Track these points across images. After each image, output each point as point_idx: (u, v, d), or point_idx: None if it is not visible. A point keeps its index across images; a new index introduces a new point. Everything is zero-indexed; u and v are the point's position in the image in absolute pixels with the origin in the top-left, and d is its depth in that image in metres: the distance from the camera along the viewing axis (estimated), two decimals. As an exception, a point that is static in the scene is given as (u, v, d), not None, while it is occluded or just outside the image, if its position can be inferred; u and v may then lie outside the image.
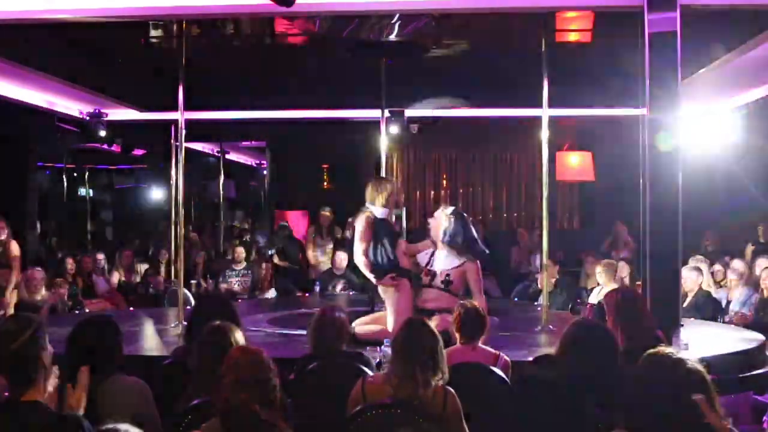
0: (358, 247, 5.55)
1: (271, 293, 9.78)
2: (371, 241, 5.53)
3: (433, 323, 3.74)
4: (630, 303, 3.97)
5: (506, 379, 3.94)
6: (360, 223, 5.58)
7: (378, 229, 5.55)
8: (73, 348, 3.36)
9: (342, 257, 9.24)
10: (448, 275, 5.66)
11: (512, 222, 12.77)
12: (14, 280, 8.04)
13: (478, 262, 5.72)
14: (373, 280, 5.58)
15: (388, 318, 5.52)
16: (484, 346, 4.28)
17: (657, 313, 4.53)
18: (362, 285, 8.12)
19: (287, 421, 2.85)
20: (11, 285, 8.00)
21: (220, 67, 9.08)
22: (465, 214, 5.84)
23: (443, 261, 5.71)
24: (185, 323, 4.89)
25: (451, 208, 5.84)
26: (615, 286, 7.24)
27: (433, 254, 5.77)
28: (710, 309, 7.21)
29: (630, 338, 3.78)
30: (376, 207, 5.59)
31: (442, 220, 5.71)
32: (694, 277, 7.26)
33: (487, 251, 5.89)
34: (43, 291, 8.01)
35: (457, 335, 4.28)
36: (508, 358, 4.23)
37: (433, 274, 5.70)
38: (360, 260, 5.56)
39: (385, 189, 5.62)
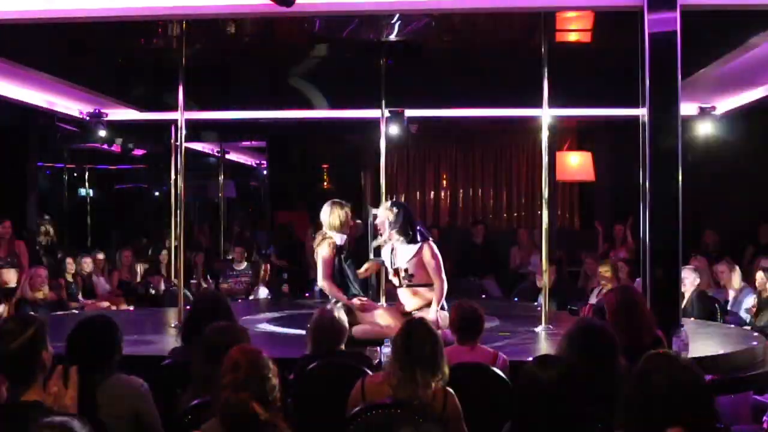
0: (323, 272, 5.66)
1: (263, 293, 9.74)
2: (335, 267, 5.68)
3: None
4: (630, 302, 3.98)
5: (506, 378, 3.94)
6: (324, 249, 5.68)
7: (339, 256, 5.71)
8: (73, 348, 3.35)
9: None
10: (406, 270, 5.67)
11: (512, 222, 12.77)
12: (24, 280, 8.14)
13: (430, 242, 5.72)
14: (343, 300, 5.63)
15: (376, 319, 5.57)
16: (482, 346, 4.28)
17: (657, 313, 4.53)
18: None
19: (287, 421, 2.85)
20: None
21: (220, 67, 9.08)
22: (404, 203, 5.89)
23: (401, 256, 5.72)
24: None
25: (390, 202, 5.91)
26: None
27: (393, 252, 5.79)
28: (707, 309, 7.21)
29: (630, 337, 3.78)
30: (334, 232, 5.70)
31: (386, 215, 5.73)
32: (691, 278, 7.26)
33: (429, 237, 5.89)
34: (46, 289, 8.02)
35: (455, 336, 4.28)
36: (506, 358, 4.23)
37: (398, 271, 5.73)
38: (325, 284, 5.66)
39: (339, 214, 5.72)
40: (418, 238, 5.68)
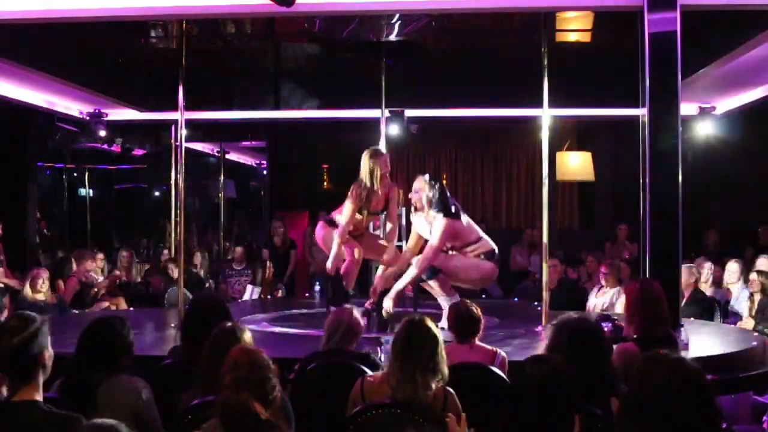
0: None
1: (253, 292, 9.71)
2: None
3: None
4: (649, 293, 4.05)
5: (504, 377, 3.94)
6: None
7: None
8: (82, 346, 3.36)
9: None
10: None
11: (512, 222, 12.77)
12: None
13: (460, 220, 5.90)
14: None
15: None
16: (481, 344, 4.28)
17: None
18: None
19: (287, 421, 2.85)
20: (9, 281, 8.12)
21: (220, 67, 9.09)
22: (440, 180, 6.16)
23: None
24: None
25: (428, 176, 6.01)
26: (618, 287, 7.26)
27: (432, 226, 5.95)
28: (706, 309, 7.20)
29: (643, 327, 3.91)
30: None
31: (424, 188, 5.88)
32: (686, 277, 7.24)
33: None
34: (48, 291, 8.01)
35: (452, 335, 4.28)
36: (505, 355, 4.24)
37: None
38: None
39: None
40: (453, 213, 5.83)
